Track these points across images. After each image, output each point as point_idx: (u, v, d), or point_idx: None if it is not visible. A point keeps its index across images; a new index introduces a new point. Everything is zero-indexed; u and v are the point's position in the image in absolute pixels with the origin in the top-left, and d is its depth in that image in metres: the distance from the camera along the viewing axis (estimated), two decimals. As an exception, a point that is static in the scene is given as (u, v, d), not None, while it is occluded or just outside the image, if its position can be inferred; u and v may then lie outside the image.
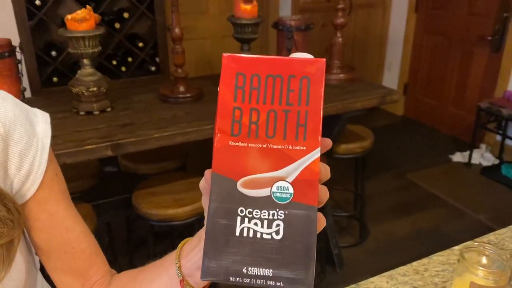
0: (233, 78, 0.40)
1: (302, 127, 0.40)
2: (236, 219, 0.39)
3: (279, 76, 0.40)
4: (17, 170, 0.56)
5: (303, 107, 0.40)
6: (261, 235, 0.39)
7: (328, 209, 2.30)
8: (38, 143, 0.58)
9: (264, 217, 0.39)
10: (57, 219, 0.61)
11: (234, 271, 0.38)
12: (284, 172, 0.39)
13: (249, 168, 0.40)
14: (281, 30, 2.09)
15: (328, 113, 1.95)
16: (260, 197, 0.39)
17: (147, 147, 1.60)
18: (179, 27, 1.86)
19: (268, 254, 0.39)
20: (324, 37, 3.78)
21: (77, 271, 0.63)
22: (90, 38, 1.66)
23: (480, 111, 3.26)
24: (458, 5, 3.72)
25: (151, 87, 2.18)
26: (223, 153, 0.40)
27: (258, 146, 0.40)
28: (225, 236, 0.39)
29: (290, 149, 0.40)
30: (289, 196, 0.39)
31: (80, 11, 1.67)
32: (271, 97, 0.40)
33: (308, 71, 0.41)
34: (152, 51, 3.17)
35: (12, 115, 0.55)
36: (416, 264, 0.96)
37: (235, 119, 0.40)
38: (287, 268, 0.39)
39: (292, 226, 0.39)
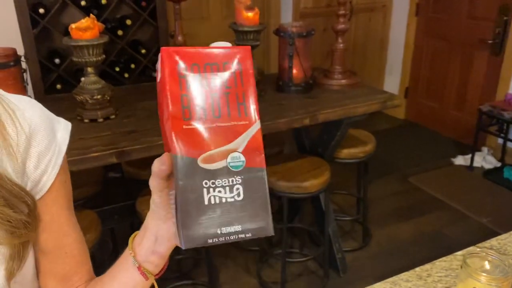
0: (176, 69, 0.46)
1: (242, 105, 0.47)
2: (202, 191, 0.45)
3: (215, 64, 0.47)
4: (34, 170, 0.60)
5: (240, 89, 0.48)
6: (225, 199, 0.46)
7: (331, 213, 2.31)
8: (56, 148, 0.62)
9: (225, 184, 0.46)
10: (58, 222, 0.64)
11: (210, 234, 0.45)
12: (235, 145, 0.46)
13: (204, 146, 0.45)
14: (283, 36, 2.11)
15: (329, 118, 1.96)
16: (218, 168, 0.46)
17: (151, 154, 1.62)
18: (182, 35, 1.88)
19: (234, 214, 0.46)
20: (325, 41, 3.79)
21: (63, 276, 0.66)
22: (94, 47, 1.68)
23: (481, 114, 3.26)
24: (458, 8, 3.74)
25: (154, 93, 2.17)
26: (179, 137, 0.45)
27: (208, 126, 0.46)
28: (196, 207, 0.45)
29: (235, 124, 0.47)
30: (242, 163, 0.46)
31: (84, 20, 1.69)
32: (211, 83, 0.47)
33: (239, 58, 0.48)
34: (155, 58, 3.19)
35: (38, 119, 0.60)
36: (419, 270, 0.97)
37: (184, 105, 0.46)
38: (251, 221, 0.46)
39: (249, 187, 0.46)
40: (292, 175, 2.04)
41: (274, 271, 2.37)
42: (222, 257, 2.45)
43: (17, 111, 0.59)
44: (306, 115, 1.89)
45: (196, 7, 3.48)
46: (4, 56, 1.58)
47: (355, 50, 4.26)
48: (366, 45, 4.36)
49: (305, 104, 1.99)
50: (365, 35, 4.33)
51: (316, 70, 2.39)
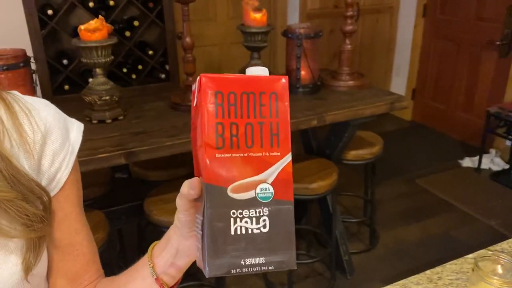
0: (213, 96, 0.46)
1: (275, 136, 0.47)
2: (230, 221, 0.45)
3: (252, 93, 0.47)
4: (49, 167, 0.61)
5: (274, 119, 0.47)
6: (251, 230, 0.46)
7: (338, 215, 2.30)
8: (69, 147, 0.64)
9: (253, 215, 0.46)
10: (70, 220, 0.65)
11: (233, 264, 0.45)
12: (265, 175, 0.47)
13: (235, 175, 0.46)
14: (290, 38, 2.10)
15: (337, 119, 1.96)
16: (247, 199, 0.46)
17: (159, 155, 1.62)
18: (190, 36, 1.89)
19: (259, 245, 0.46)
20: (332, 42, 3.79)
21: (73, 274, 0.67)
22: (103, 48, 1.69)
23: (489, 116, 3.24)
24: (466, 10, 3.72)
25: (161, 94, 2.20)
26: (212, 165, 0.45)
27: (240, 155, 0.46)
28: (223, 236, 0.45)
29: (267, 155, 0.47)
30: (271, 195, 0.47)
31: (93, 21, 1.70)
32: (246, 112, 0.47)
33: (275, 88, 0.48)
34: (162, 59, 3.21)
35: (53, 118, 0.63)
36: (430, 273, 0.97)
37: (218, 133, 0.46)
38: (275, 254, 0.46)
39: (276, 219, 0.46)
40: (299, 176, 2.03)
41: (281, 272, 2.36)
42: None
43: (33, 110, 0.61)
44: (313, 116, 1.89)
45: (203, 8, 3.49)
46: (14, 57, 1.59)
47: (362, 52, 4.25)
48: (373, 46, 4.35)
49: (313, 105, 1.98)
50: (372, 36, 4.31)
51: (324, 71, 2.38)
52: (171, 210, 1.83)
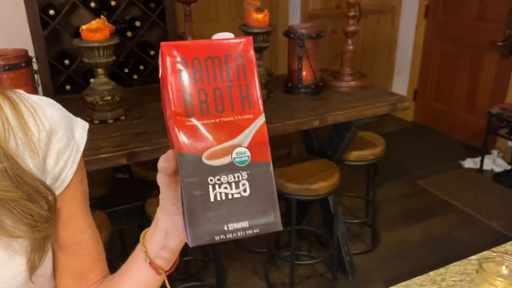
0: (176, 64, 0.45)
1: (246, 98, 0.46)
2: (208, 188, 0.44)
3: (217, 57, 0.46)
4: (53, 166, 0.61)
5: (243, 81, 0.46)
6: (232, 195, 0.45)
7: (340, 216, 2.30)
8: (74, 146, 0.64)
9: (231, 180, 0.45)
10: (76, 219, 0.65)
11: (216, 231, 0.44)
12: (239, 139, 0.45)
13: (208, 142, 0.45)
14: (292, 38, 2.10)
15: (339, 120, 1.95)
16: (224, 164, 0.45)
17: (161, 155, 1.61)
18: (192, 37, 1.88)
19: (241, 210, 0.45)
20: (334, 43, 3.79)
21: (79, 273, 0.66)
22: (105, 48, 1.69)
23: (491, 117, 3.24)
24: (468, 10, 3.72)
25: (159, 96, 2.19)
26: (183, 134, 0.44)
27: (212, 121, 0.45)
28: (202, 204, 0.44)
29: (239, 119, 0.46)
30: (248, 158, 0.45)
31: (95, 21, 1.69)
32: (213, 77, 0.46)
33: (240, 49, 0.46)
34: (163, 59, 3.20)
35: (58, 117, 0.62)
36: (433, 274, 0.96)
37: (186, 101, 0.45)
38: (259, 216, 0.45)
39: (256, 182, 0.45)
40: (301, 177, 2.03)
41: (282, 273, 2.36)
42: (229, 258, 2.45)
43: (38, 109, 0.61)
44: (315, 117, 1.88)
45: (204, 8, 3.49)
46: (16, 57, 1.59)
47: (364, 52, 4.25)
48: (374, 47, 4.34)
49: (315, 106, 1.98)
50: (374, 37, 4.31)
51: (325, 71, 2.38)
52: (173, 210, 1.81)
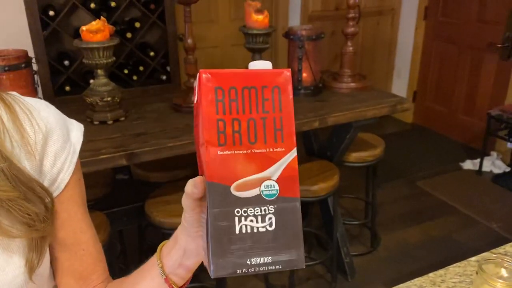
0: (212, 92, 0.44)
1: (279, 131, 0.46)
2: (234, 220, 0.44)
3: (254, 87, 0.45)
4: (51, 168, 0.61)
5: (278, 113, 0.46)
6: (257, 229, 0.44)
7: (339, 217, 2.30)
8: (71, 147, 0.64)
9: (258, 213, 0.44)
10: (75, 220, 0.65)
11: (239, 264, 0.44)
12: (269, 172, 0.45)
13: (238, 172, 0.44)
14: (292, 39, 2.10)
15: (339, 121, 1.95)
16: (251, 197, 0.44)
17: (161, 156, 1.62)
18: (192, 38, 1.89)
19: (265, 244, 0.44)
20: (333, 44, 3.80)
21: (80, 274, 0.66)
22: (105, 49, 1.69)
23: (490, 119, 3.24)
24: (467, 12, 3.72)
25: (162, 96, 2.20)
26: (214, 163, 0.44)
27: (243, 152, 0.44)
28: (227, 236, 0.44)
29: (271, 151, 0.45)
30: (276, 192, 0.45)
31: (95, 22, 1.69)
32: (249, 107, 0.45)
33: (278, 81, 0.46)
34: (163, 60, 3.20)
35: (53, 119, 0.63)
36: (433, 275, 0.96)
37: (219, 130, 0.44)
38: (282, 253, 0.45)
39: (282, 217, 0.45)
40: (300, 178, 2.01)
41: (282, 274, 2.36)
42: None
43: (34, 111, 0.61)
44: (315, 118, 1.88)
45: (204, 10, 3.49)
46: (15, 58, 1.59)
47: (363, 54, 4.25)
48: (374, 48, 4.35)
49: (315, 107, 1.98)
50: (373, 38, 4.31)
51: (325, 73, 2.38)
52: (172, 211, 1.83)
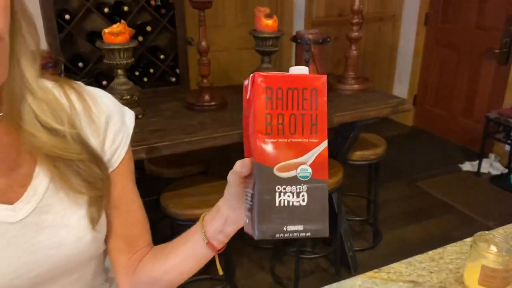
0: (263, 91, 0.55)
1: (314, 126, 0.56)
2: (275, 195, 0.55)
3: (296, 89, 0.56)
4: (110, 146, 0.72)
5: (314, 111, 0.56)
6: (292, 203, 0.55)
7: (343, 213, 2.40)
8: (126, 130, 0.75)
9: (293, 191, 0.55)
10: (128, 190, 0.76)
11: (277, 230, 0.55)
12: (304, 158, 0.56)
13: (280, 157, 0.55)
14: (300, 43, 2.21)
15: (344, 120, 2.06)
16: (289, 177, 0.55)
17: (178, 150, 1.73)
18: (206, 41, 2.00)
19: (298, 216, 0.55)
20: (336, 49, 3.91)
21: (130, 238, 0.77)
22: (125, 50, 1.80)
23: (488, 121, 3.35)
24: (466, 19, 3.84)
25: (174, 96, 2.30)
26: (261, 148, 0.55)
27: (285, 140, 0.55)
28: (269, 207, 0.54)
29: (307, 141, 0.56)
30: (309, 175, 0.55)
31: (116, 25, 1.80)
32: (291, 105, 0.56)
33: (316, 85, 0.57)
34: (173, 63, 3.32)
35: (112, 105, 0.75)
36: (432, 253, 1.07)
37: (267, 122, 0.55)
38: (311, 223, 0.55)
39: (312, 195, 0.55)
40: (307, 174, 2.13)
41: (287, 268, 2.46)
42: (237, 254, 2.54)
43: (98, 98, 0.72)
44: (321, 117, 1.99)
45: (212, 15, 3.60)
46: (43, 58, 1.70)
47: (365, 58, 4.37)
48: (376, 53, 4.46)
49: (321, 107, 2.09)
50: (375, 43, 4.43)
51: (330, 75, 2.49)
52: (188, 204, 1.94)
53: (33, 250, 0.65)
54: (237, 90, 2.40)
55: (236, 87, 2.50)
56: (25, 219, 0.65)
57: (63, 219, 0.67)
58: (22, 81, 0.62)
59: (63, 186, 0.67)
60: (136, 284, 0.76)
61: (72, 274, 0.71)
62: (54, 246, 0.66)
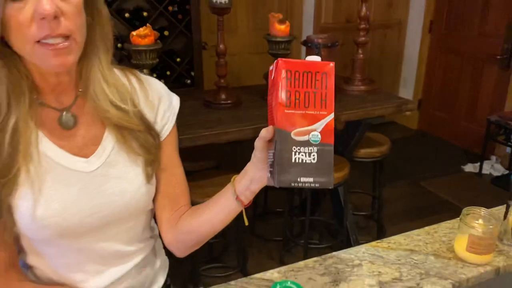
0: (284, 72, 0.69)
1: (324, 101, 0.70)
2: (292, 154, 0.69)
3: (310, 72, 0.70)
4: (161, 120, 0.89)
5: (324, 90, 0.70)
6: (305, 161, 0.69)
7: (349, 207, 2.55)
8: (173, 109, 0.92)
9: (306, 151, 0.69)
10: (173, 157, 0.93)
11: (293, 180, 0.69)
12: (315, 126, 0.69)
13: (296, 124, 0.69)
14: (310, 46, 2.38)
15: (350, 118, 2.22)
16: (303, 140, 0.69)
17: (197, 143, 1.89)
18: (223, 44, 2.17)
19: (310, 170, 0.69)
20: (343, 54, 4.05)
21: (173, 196, 0.93)
22: (151, 51, 1.97)
23: (490, 124, 3.48)
24: (469, 26, 3.99)
25: (190, 96, 2.46)
26: (282, 117, 0.69)
27: (300, 112, 0.69)
28: (287, 163, 0.69)
29: (318, 113, 0.70)
30: (319, 139, 0.69)
31: (143, 28, 1.98)
32: (306, 84, 0.69)
33: (326, 69, 0.71)
34: (188, 66, 3.49)
35: (162, 88, 0.93)
36: (428, 228, 1.22)
37: (286, 97, 0.69)
38: (319, 176, 0.69)
39: (321, 155, 0.69)
40: (315, 169, 2.28)
41: (296, 258, 2.60)
42: (249, 246, 2.69)
43: (151, 82, 0.90)
44: (330, 115, 2.14)
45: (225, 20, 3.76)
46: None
47: (372, 64, 4.52)
48: (382, 59, 4.62)
49: (329, 106, 2.24)
50: (382, 50, 4.59)
51: (338, 77, 2.65)
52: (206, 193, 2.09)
53: (101, 196, 0.81)
54: (250, 90, 2.58)
55: (249, 88, 2.67)
56: (95, 170, 0.82)
57: (124, 173, 0.84)
58: (98, 67, 0.79)
59: (125, 148, 0.84)
60: (176, 235, 0.92)
61: (129, 222, 0.87)
62: (117, 193, 0.83)
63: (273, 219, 2.97)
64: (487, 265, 1.05)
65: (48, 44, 0.69)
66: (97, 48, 0.79)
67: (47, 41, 0.69)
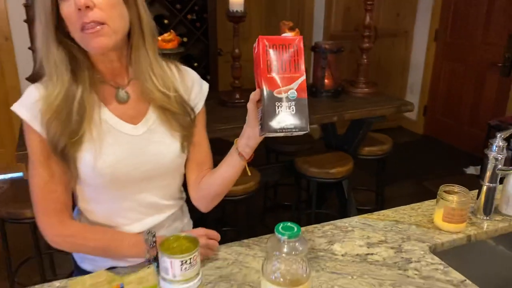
0: (265, 46, 0.87)
1: (297, 66, 0.88)
2: (275, 107, 0.86)
3: (284, 45, 0.88)
4: (193, 100, 1.11)
5: (296, 57, 0.88)
6: (286, 112, 0.86)
7: (353, 200, 2.74)
8: (203, 93, 1.14)
9: (286, 105, 0.86)
10: (201, 131, 1.15)
11: (278, 128, 0.86)
12: (292, 86, 0.87)
13: (277, 85, 0.86)
14: (317, 52, 2.59)
15: (354, 117, 2.42)
16: (283, 97, 0.86)
17: (215, 136, 2.11)
18: (239, 48, 2.40)
19: (290, 119, 0.86)
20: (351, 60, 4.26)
21: (199, 161, 1.15)
22: (174, 55, 2.20)
23: (490, 128, 3.65)
24: (473, 35, 4.17)
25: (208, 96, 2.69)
26: (266, 80, 0.86)
27: (280, 76, 0.87)
28: (272, 115, 0.86)
29: (293, 76, 0.87)
30: (295, 95, 0.86)
31: (167, 34, 2.22)
32: (281, 54, 0.87)
33: (296, 43, 0.88)
34: (204, 70, 3.73)
35: (196, 76, 1.17)
36: (412, 205, 1.42)
37: (268, 65, 0.87)
38: (297, 122, 0.86)
39: (298, 107, 0.86)
40: (321, 163, 2.49)
41: (303, 248, 2.79)
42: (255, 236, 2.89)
43: (187, 70, 1.13)
44: (334, 114, 2.35)
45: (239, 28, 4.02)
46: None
47: (380, 71, 4.71)
48: (389, 66, 4.81)
49: (334, 106, 2.45)
50: (389, 57, 4.78)
51: (344, 81, 2.86)
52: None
53: (145, 153, 1.04)
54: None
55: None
56: (141, 135, 1.04)
57: (163, 139, 1.06)
58: (145, 57, 1.02)
59: (165, 124, 1.06)
60: (199, 191, 1.15)
61: (164, 180, 1.10)
62: (158, 153, 1.05)
63: (281, 212, 3.17)
64: (460, 233, 1.24)
65: (87, 30, 0.89)
66: (142, 40, 1.00)
67: (87, 29, 0.89)
